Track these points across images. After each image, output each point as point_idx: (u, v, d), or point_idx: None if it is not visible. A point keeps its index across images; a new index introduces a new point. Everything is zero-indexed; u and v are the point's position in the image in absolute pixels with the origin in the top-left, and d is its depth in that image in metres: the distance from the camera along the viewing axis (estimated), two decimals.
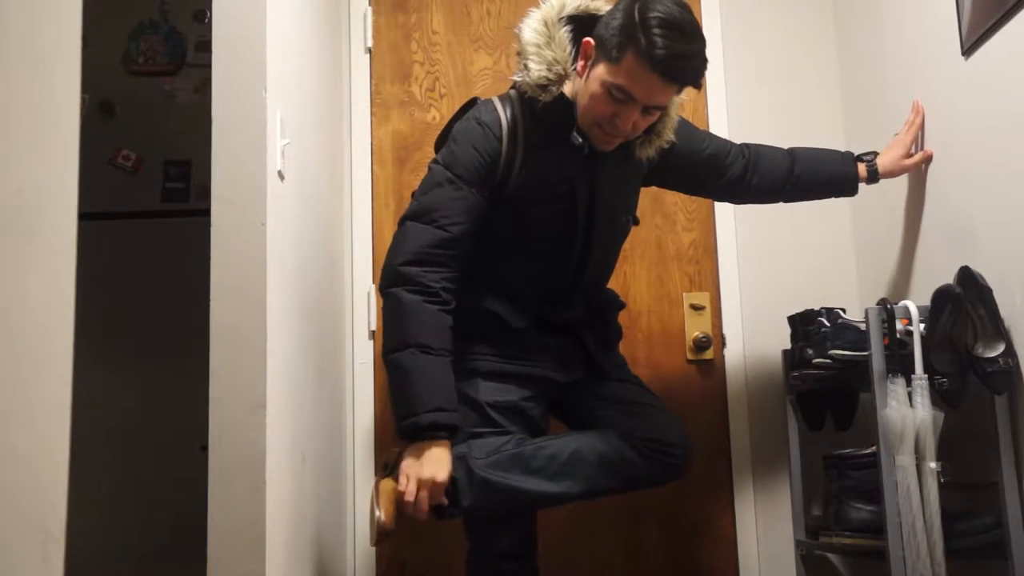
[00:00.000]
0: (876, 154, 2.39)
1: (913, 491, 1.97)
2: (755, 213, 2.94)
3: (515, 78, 2.05)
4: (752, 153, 2.35)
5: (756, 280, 2.93)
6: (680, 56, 1.89)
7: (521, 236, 2.09)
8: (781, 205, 2.88)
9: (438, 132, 2.24)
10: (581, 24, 2.04)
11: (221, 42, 1.92)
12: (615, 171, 2.11)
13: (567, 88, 2.02)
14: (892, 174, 2.39)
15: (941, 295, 2.03)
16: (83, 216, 1.24)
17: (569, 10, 2.03)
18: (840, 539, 2.26)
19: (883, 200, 2.59)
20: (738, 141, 2.41)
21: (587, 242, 2.11)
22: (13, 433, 1.07)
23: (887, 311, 2.07)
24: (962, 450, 2.10)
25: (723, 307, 2.93)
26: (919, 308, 2.07)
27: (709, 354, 2.91)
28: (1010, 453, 1.96)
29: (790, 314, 2.57)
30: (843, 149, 2.51)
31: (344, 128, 3.02)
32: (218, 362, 1.82)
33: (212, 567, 1.77)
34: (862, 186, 2.40)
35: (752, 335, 2.90)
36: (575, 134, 2.02)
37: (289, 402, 2.05)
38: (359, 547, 2.82)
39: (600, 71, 1.94)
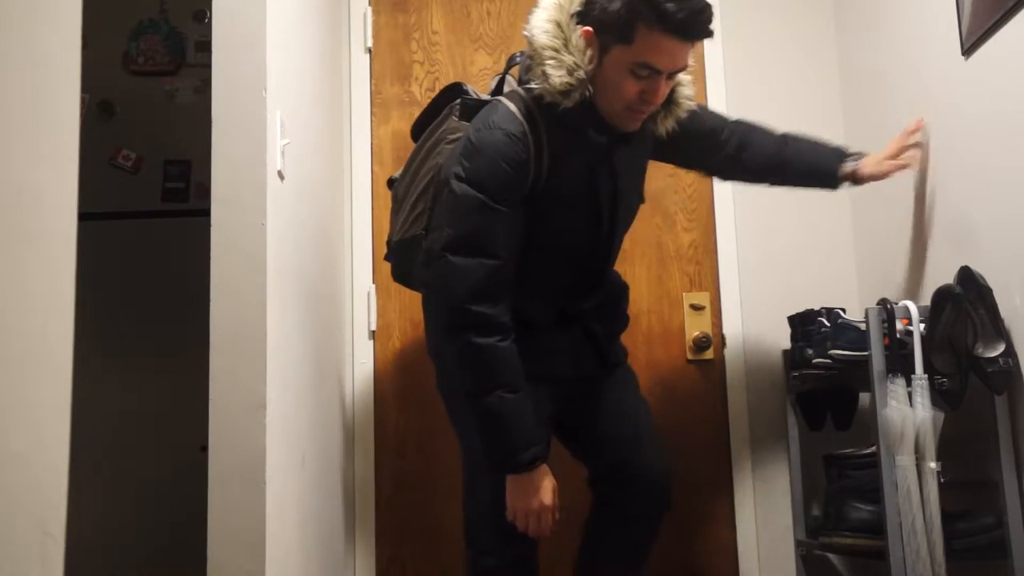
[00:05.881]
0: (863, 156, 2.34)
1: (913, 491, 1.97)
2: (755, 213, 2.94)
3: (532, 85, 1.96)
4: (745, 129, 2.34)
5: (756, 280, 2.93)
6: (693, 12, 1.87)
7: (548, 238, 2.06)
8: (781, 204, 2.88)
9: None
10: (580, 17, 1.98)
11: (221, 42, 1.92)
12: (628, 155, 2.10)
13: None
14: (872, 179, 2.33)
15: (941, 295, 2.03)
16: (83, 216, 1.23)
17: (576, 6, 1.97)
18: (840, 539, 2.26)
19: (883, 200, 2.59)
20: None
21: (611, 231, 2.12)
22: (13, 433, 1.07)
23: (887, 311, 2.07)
24: (962, 450, 2.10)
25: (723, 307, 2.93)
26: (919, 308, 2.07)
27: (709, 354, 2.91)
28: (1010, 453, 1.96)
29: (790, 314, 2.58)
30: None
31: (344, 128, 3.02)
32: (218, 362, 1.82)
33: (212, 568, 1.77)
34: (864, 186, 2.39)
35: (752, 335, 2.90)
36: (595, 132, 2.00)
37: (289, 402, 2.05)
38: (359, 547, 2.82)
39: (616, 56, 1.92)
